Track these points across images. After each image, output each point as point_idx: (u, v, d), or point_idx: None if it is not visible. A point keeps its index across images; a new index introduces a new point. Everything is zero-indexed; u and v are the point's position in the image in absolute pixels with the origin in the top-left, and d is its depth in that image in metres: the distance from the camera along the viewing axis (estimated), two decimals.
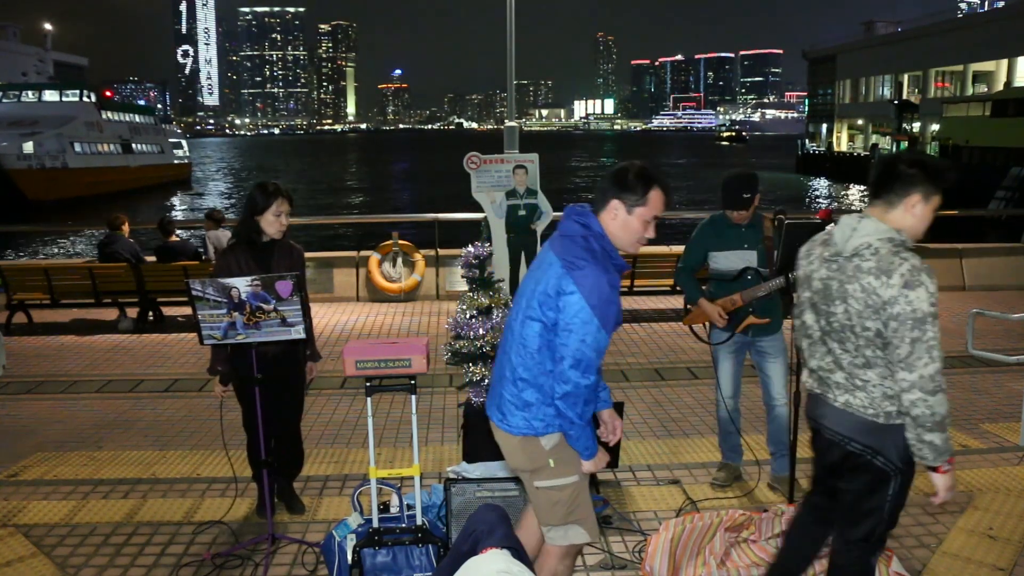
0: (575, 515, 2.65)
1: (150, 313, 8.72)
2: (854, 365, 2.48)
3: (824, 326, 2.56)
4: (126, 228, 8.85)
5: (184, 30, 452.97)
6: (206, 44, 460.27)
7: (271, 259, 3.75)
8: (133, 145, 54.75)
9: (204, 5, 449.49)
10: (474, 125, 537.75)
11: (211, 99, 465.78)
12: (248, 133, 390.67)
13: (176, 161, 63.34)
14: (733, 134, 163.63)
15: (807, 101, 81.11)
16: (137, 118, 58.58)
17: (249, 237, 3.74)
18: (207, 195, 53.16)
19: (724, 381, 4.22)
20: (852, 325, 2.44)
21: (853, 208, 41.75)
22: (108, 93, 60.84)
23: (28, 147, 42.08)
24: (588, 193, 47.74)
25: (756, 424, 5.04)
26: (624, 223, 2.50)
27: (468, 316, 4.09)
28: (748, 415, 5.07)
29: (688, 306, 4.27)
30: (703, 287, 4.21)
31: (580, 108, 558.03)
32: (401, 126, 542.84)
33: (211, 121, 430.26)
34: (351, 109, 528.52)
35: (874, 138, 58.31)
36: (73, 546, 3.75)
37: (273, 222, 3.73)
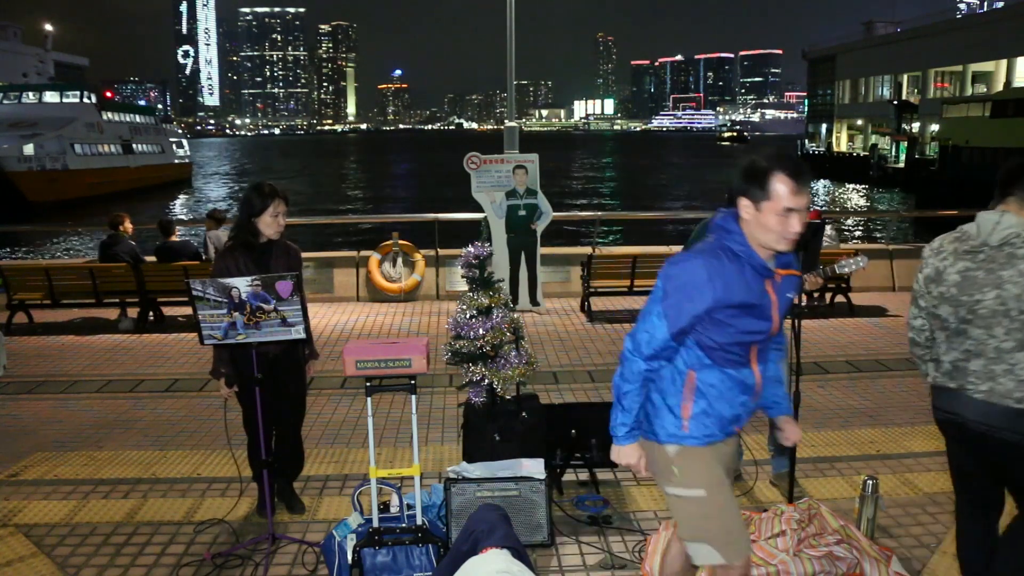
0: (704, 534, 2.43)
1: (150, 313, 8.72)
2: (1001, 350, 2.56)
3: (965, 315, 2.64)
4: (127, 227, 8.85)
5: (184, 30, 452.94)
6: (206, 44, 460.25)
7: (269, 259, 3.75)
8: (134, 145, 54.73)
9: (204, 5, 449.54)
10: (474, 125, 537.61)
11: (211, 99, 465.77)
12: (248, 133, 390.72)
13: (177, 161, 63.35)
14: (735, 134, 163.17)
15: (807, 101, 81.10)
16: (138, 118, 58.58)
17: (246, 239, 3.74)
18: (208, 195, 53.16)
19: None
20: (1007, 309, 2.55)
21: (852, 207, 41.73)
22: (108, 93, 60.84)
23: (29, 149, 42.06)
24: (587, 197, 47.84)
25: (756, 424, 5.05)
26: (757, 221, 2.30)
27: (468, 316, 4.09)
28: None
29: None
30: None
31: (580, 108, 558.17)
32: (401, 126, 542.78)
33: (211, 121, 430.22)
34: (351, 109, 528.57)
35: (873, 138, 58.29)
36: (73, 546, 3.76)
37: (271, 223, 3.73)
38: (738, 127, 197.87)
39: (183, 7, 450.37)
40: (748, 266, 2.32)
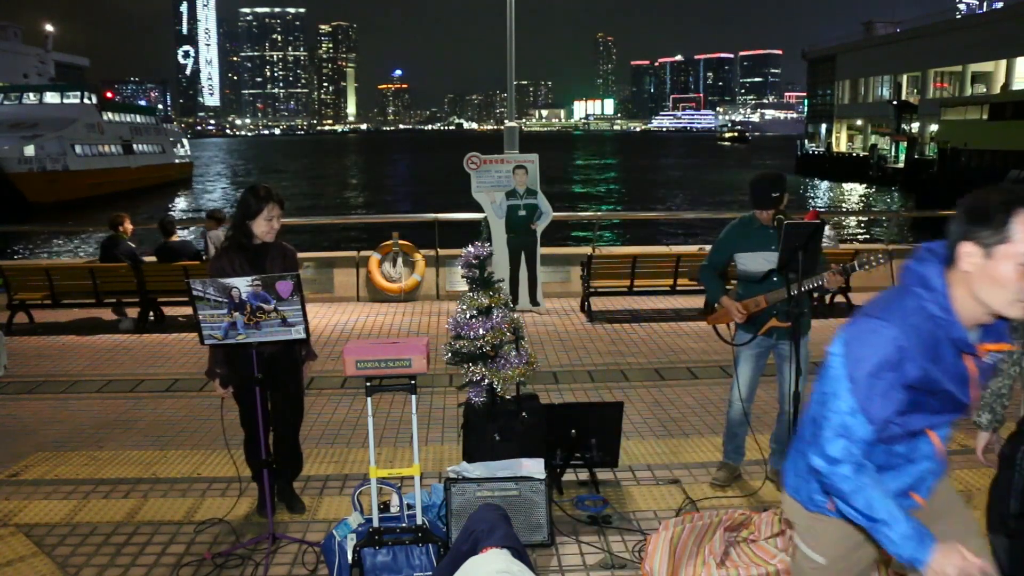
0: None
1: (151, 313, 8.73)
2: None
3: None
4: (127, 227, 8.85)
5: (185, 30, 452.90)
6: (207, 44, 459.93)
7: (265, 260, 3.75)
8: (134, 146, 54.79)
9: (205, 5, 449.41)
10: (474, 125, 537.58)
11: (212, 99, 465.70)
12: (249, 133, 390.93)
13: (177, 161, 63.44)
14: (736, 135, 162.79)
15: (806, 101, 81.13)
16: (138, 118, 58.65)
17: (240, 240, 3.74)
18: (208, 195, 53.17)
19: (743, 383, 4.21)
20: None
21: (852, 208, 41.71)
22: (109, 94, 60.89)
23: (29, 150, 42.12)
24: (586, 201, 47.84)
25: (758, 425, 5.04)
26: (984, 274, 1.76)
27: (468, 316, 4.09)
28: (761, 415, 5.09)
29: (714, 304, 4.28)
30: (728, 288, 4.21)
31: (580, 108, 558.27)
32: (401, 126, 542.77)
33: (212, 121, 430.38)
34: (351, 109, 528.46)
35: (873, 138, 58.34)
36: (74, 546, 3.76)
37: (264, 226, 3.73)
38: (739, 127, 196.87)
39: (183, 7, 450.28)
40: (946, 338, 1.83)
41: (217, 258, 3.79)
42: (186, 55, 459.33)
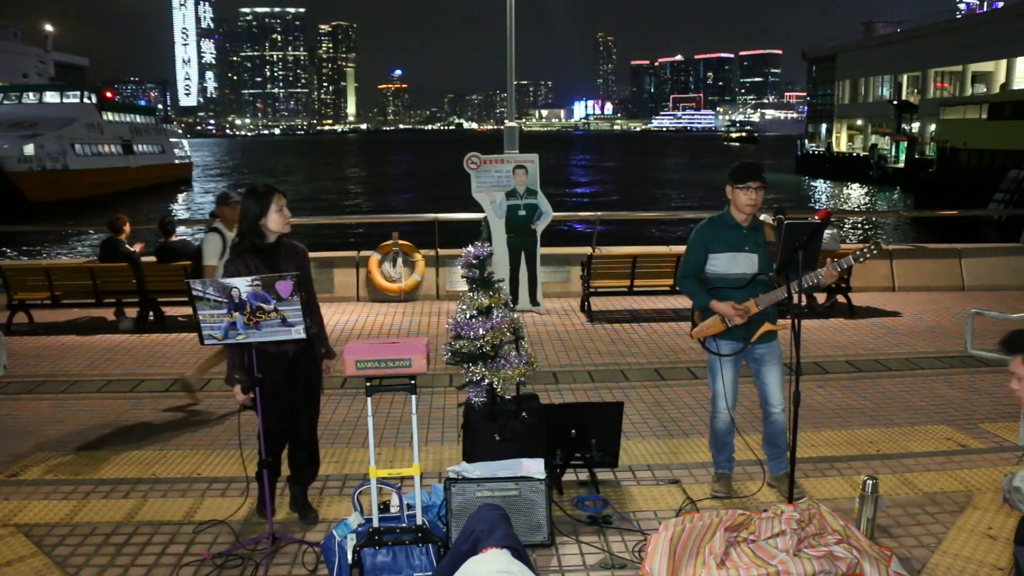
0: None
1: (150, 313, 8.72)
2: None
3: None
4: (127, 229, 8.84)
5: (184, 30, 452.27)
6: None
7: (278, 260, 3.76)
8: (134, 146, 54.75)
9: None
10: (474, 125, 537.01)
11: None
12: (248, 133, 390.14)
13: (177, 161, 63.44)
14: (744, 135, 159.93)
15: (807, 101, 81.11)
16: (138, 118, 58.60)
17: (252, 242, 3.73)
18: (208, 196, 53.13)
19: (728, 391, 4.09)
20: None
21: (852, 207, 41.67)
22: (109, 94, 60.82)
23: (29, 149, 42.07)
24: (590, 200, 47.66)
25: (757, 424, 5.05)
26: None
27: (468, 316, 4.09)
28: (747, 414, 5.09)
29: (695, 314, 4.08)
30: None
31: (580, 108, 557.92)
32: (401, 126, 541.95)
33: (212, 121, 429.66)
34: (351, 109, 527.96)
35: (873, 138, 58.32)
36: (74, 546, 3.76)
37: (278, 219, 3.74)
38: (748, 127, 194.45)
39: (183, 7, 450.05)
40: None
41: (231, 261, 3.77)
42: (186, 55, 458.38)
